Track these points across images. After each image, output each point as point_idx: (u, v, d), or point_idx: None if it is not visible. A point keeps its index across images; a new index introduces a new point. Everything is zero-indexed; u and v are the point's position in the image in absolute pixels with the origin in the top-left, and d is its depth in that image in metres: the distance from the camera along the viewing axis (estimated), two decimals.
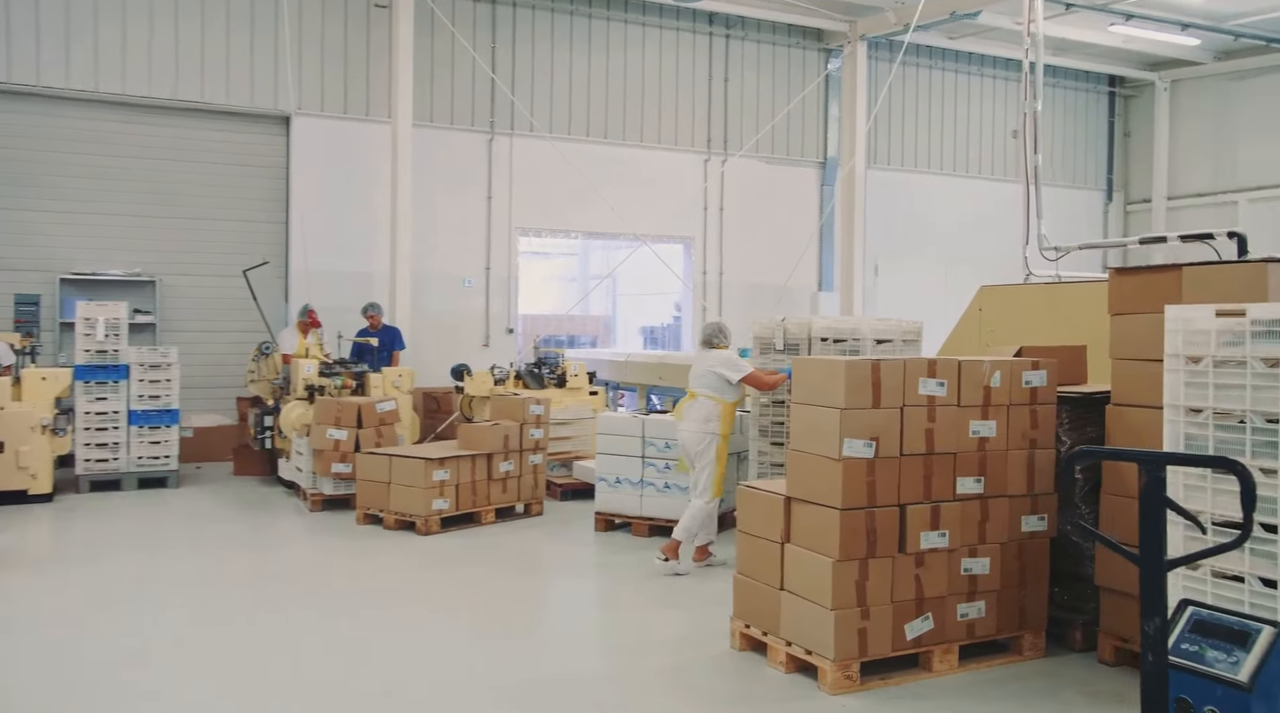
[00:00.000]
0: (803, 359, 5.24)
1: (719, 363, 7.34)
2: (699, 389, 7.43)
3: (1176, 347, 3.75)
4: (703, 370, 7.44)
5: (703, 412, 7.36)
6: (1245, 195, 16.55)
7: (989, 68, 17.62)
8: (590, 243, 20.55)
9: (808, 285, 16.54)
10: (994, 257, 17.43)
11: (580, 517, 9.42)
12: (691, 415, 7.42)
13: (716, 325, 7.60)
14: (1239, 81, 16.69)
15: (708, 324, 7.66)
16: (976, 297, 8.79)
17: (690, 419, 7.43)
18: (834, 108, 16.43)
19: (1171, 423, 3.79)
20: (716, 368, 7.33)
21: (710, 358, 7.43)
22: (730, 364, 7.33)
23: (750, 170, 15.93)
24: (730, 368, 7.30)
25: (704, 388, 7.40)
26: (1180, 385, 3.74)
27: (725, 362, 7.34)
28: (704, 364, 7.45)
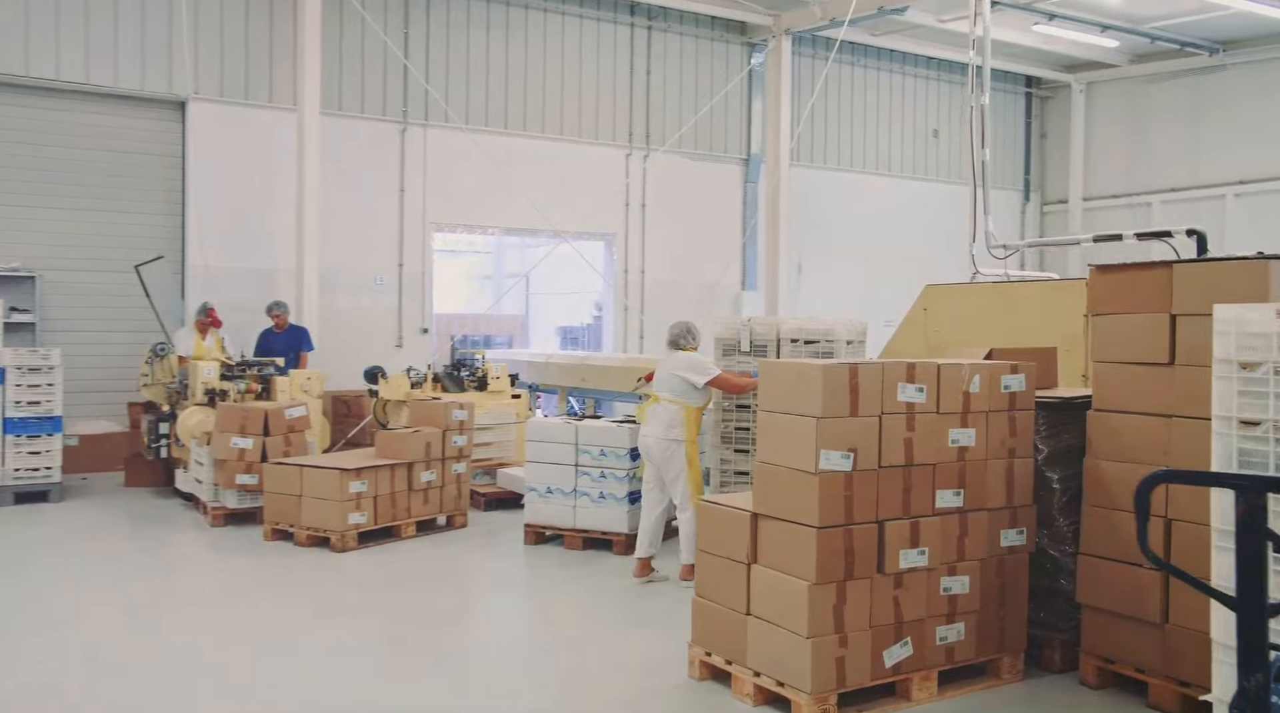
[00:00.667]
0: (771, 363, 4.81)
1: (684, 366, 6.91)
2: (663, 393, 6.98)
3: (1228, 351, 3.40)
4: (667, 374, 7.00)
5: (665, 417, 6.91)
6: (1159, 197, 16.78)
7: (910, 66, 17.53)
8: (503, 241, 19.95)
9: (731, 284, 16.20)
10: (917, 256, 17.39)
11: (507, 528, 8.86)
12: (654, 421, 6.96)
13: (684, 326, 7.15)
14: (1153, 84, 16.91)
15: (675, 324, 7.20)
16: (921, 297, 8.50)
17: (653, 424, 6.97)
18: (757, 103, 16.12)
19: (1222, 437, 3.45)
20: (681, 372, 6.90)
21: (676, 361, 6.99)
22: (696, 367, 6.89)
23: (673, 166, 15.52)
24: (696, 371, 6.86)
25: (668, 392, 6.96)
26: (1232, 395, 3.39)
27: (691, 365, 6.91)
28: (669, 367, 7.01)
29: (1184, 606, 4.53)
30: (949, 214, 17.87)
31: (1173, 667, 4.57)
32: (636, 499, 7.92)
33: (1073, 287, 7.29)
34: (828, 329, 7.18)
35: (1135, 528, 4.83)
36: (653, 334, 15.17)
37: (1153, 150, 16.95)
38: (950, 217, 17.88)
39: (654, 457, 6.96)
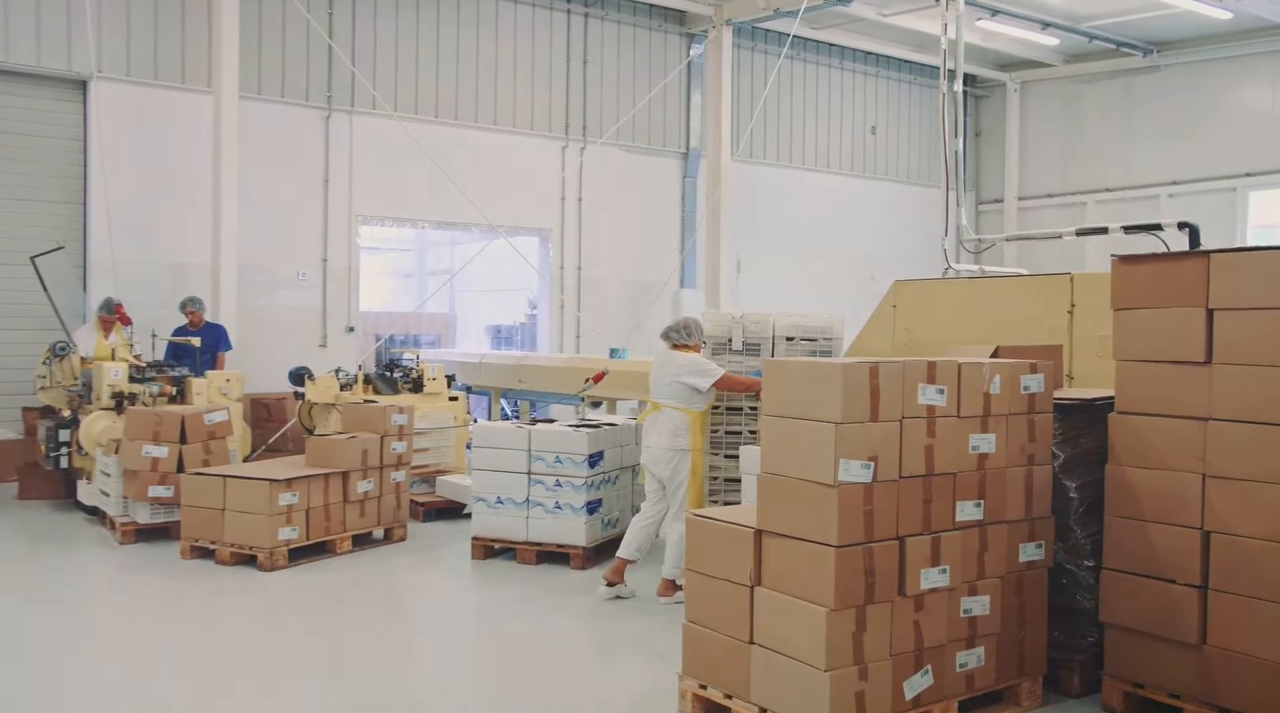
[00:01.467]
0: (779, 362, 4.31)
1: (686, 370, 6.35)
2: (663, 400, 6.42)
3: None
4: (667, 378, 6.43)
5: (669, 426, 6.36)
6: (1094, 197, 16.83)
7: (849, 61, 17.29)
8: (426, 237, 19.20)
9: (670, 281, 15.73)
10: (858, 254, 17.17)
11: (450, 541, 8.23)
12: (656, 430, 6.42)
13: (685, 322, 6.56)
14: (1087, 84, 16.95)
15: (675, 321, 6.60)
16: (890, 292, 8.11)
17: (655, 434, 6.42)
18: (697, 96, 15.68)
19: None
20: (684, 377, 6.34)
21: (676, 364, 6.42)
22: (700, 371, 6.33)
23: (611, 159, 14.99)
24: (700, 375, 6.32)
25: (669, 399, 6.39)
26: None
27: (694, 368, 6.34)
28: (669, 371, 6.44)
29: (1226, 625, 4.16)
30: (889, 212, 17.73)
31: (1212, 692, 4.20)
32: (595, 509, 7.39)
33: (1055, 281, 6.97)
34: (825, 326, 6.77)
35: (1165, 539, 4.51)
36: (590, 333, 14.62)
37: (1087, 150, 17.00)
38: (890, 214, 17.76)
39: (659, 469, 6.43)
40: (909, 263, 17.90)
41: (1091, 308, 6.70)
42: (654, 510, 6.57)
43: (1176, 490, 4.34)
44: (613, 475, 7.64)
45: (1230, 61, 15.25)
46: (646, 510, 6.60)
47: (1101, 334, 6.58)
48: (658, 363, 6.60)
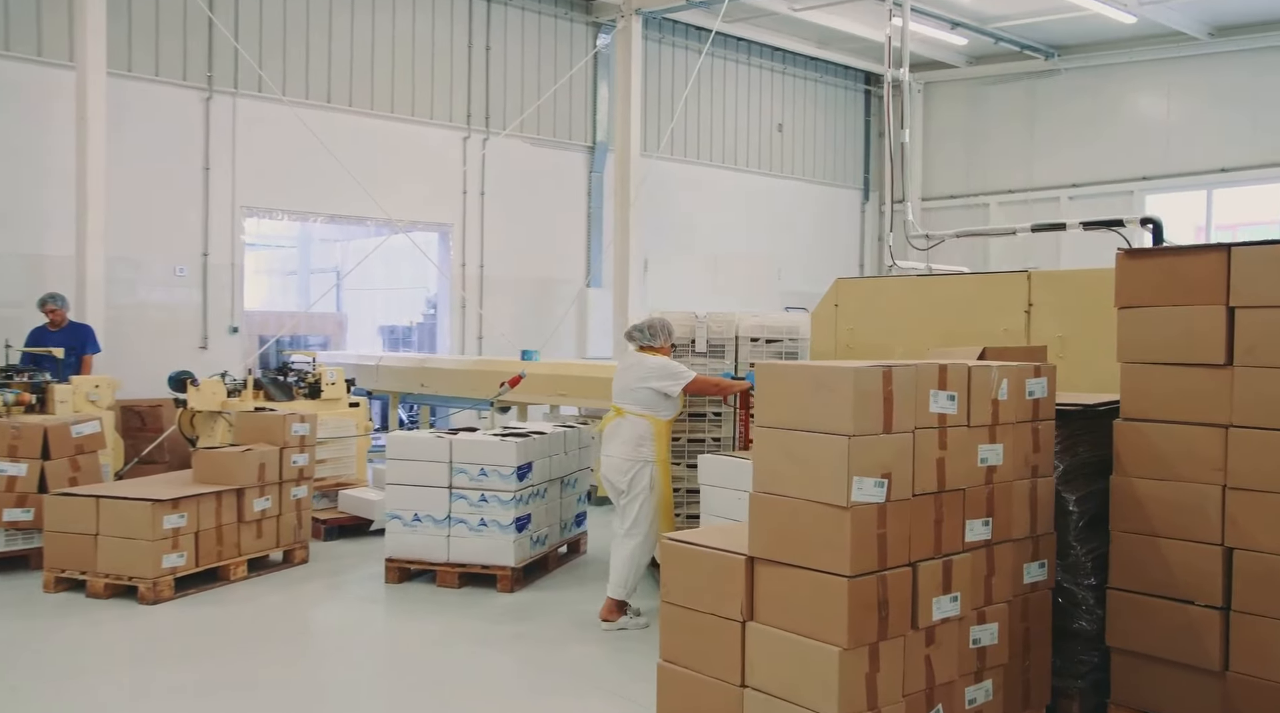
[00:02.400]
0: (774, 366, 3.79)
1: (655, 374, 5.88)
2: (627, 405, 5.94)
3: None
4: (633, 382, 5.93)
5: (632, 433, 5.86)
6: (996, 198, 16.93)
7: (757, 56, 17.01)
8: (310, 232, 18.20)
9: (575, 280, 15.15)
10: (765, 254, 16.90)
11: (359, 563, 7.48)
12: (618, 438, 5.91)
13: (652, 323, 6.05)
14: (989, 86, 17.05)
15: (643, 321, 6.10)
16: (832, 291, 7.72)
17: (616, 442, 5.90)
18: (604, 88, 15.14)
19: None
20: (652, 382, 5.87)
21: (644, 368, 5.93)
22: (670, 374, 5.87)
23: (515, 152, 14.32)
24: (670, 379, 5.86)
25: (634, 404, 5.91)
26: None
27: (663, 372, 5.88)
28: (635, 374, 5.95)
29: (1252, 650, 3.83)
30: (795, 210, 17.53)
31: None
32: (524, 526, 6.77)
33: (1011, 280, 6.68)
34: (791, 326, 6.39)
35: (1181, 557, 4.17)
36: (492, 334, 13.93)
37: (989, 152, 17.10)
38: (796, 213, 17.55)
39: (615, 480, 5.90)
40: (815, 262, 17.79)
41: (1050, 307, 6.43)
42: (626, 530, 6.02)
43: (1193, 503, 3.99)
44: (542, 489, 7.04)
45: (1128, 67, 15.50)
46: (618, 529, 6.06)
47: (1060, 335, 6.33)
48: (622, 366, 6.10)
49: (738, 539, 3.86)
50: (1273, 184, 14.01)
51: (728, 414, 6.41)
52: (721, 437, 6.41)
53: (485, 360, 11.57)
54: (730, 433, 6.41)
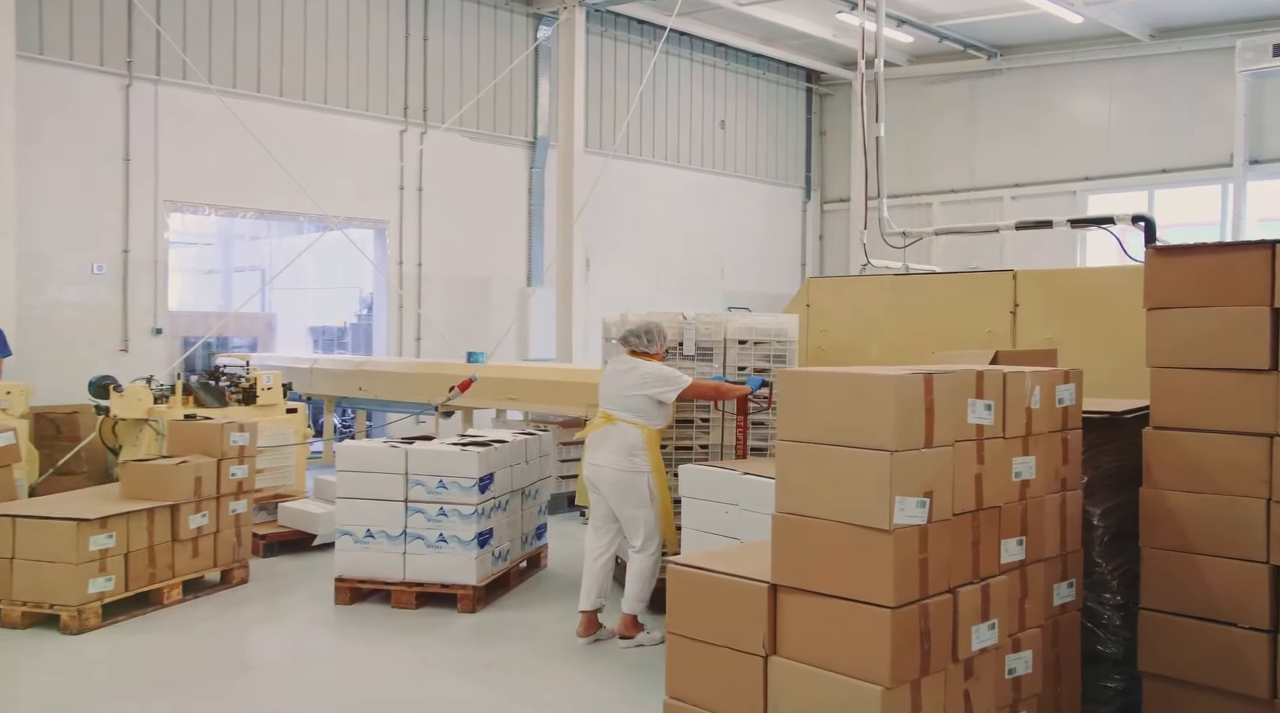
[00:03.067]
0: (801, 374, 3.43)
1: (652, 381, 5.54)
2: (618, 412, 5.60)
3: None
4: (625, 389, 5.60)
5: (624, 442, 5.52)
6: (939, 197, 16.89)
7: (699, 52, 16.72)
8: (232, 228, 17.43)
9: (516, 279, 14.69)
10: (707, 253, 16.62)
11: (303, 582, 6.97)
12: (608, 448, 5.56)
13: (648, 326, 5.70)
14: (931, 85, 17.00)
15: (637, 324, 5.73)
16: (803, 290, 7.45)
17: (606, 451, 5.57)
18: (545, 82, 14.70)
19: None
20: (648, 389, 5.54)
21: (639, 374, 5.59)
22: (666, 381, 5.54)
23: (454, 146, 13.80)
24: (667, 385, 5.53)
25: (625, 411, 5.58)
26: None
27: (660, 378, 5.55)
28: (627, 381, 5.60)
29: None
30: (738, 209, 17.29)
31: None
32: (486, 541, 6.33)
33: (996, 279, 6.46)
34: (780, 329, 6.08)
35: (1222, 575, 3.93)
36: (431, 335, 13.40)
37: (931, 151, 17.04)
38: (740, 212, 17.32)
39: (607, 491, 5.57)
40: (758, 261, 17.58)
41: (1037, 308, 6.23)
42: (604, 542, 5.72)
43: (1236, 518, 3.76)
44: (504, 501, 6.61)
45: (1070, 67, 15.55)
46: (595, 543, 5.72)
47: (1049, 336, 6.11)
48: (613, 371, 5.73)
49: (754, 563, 3.52)
50: (1212, 185, 14.16)
51: (715, 420, 6.07)
52: (709, 444, 6.07)
53: (428, 363, 11.07)
54: (718, 440, 6.07)
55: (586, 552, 5.79)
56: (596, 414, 5.77)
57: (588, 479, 5.72)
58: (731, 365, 6.07)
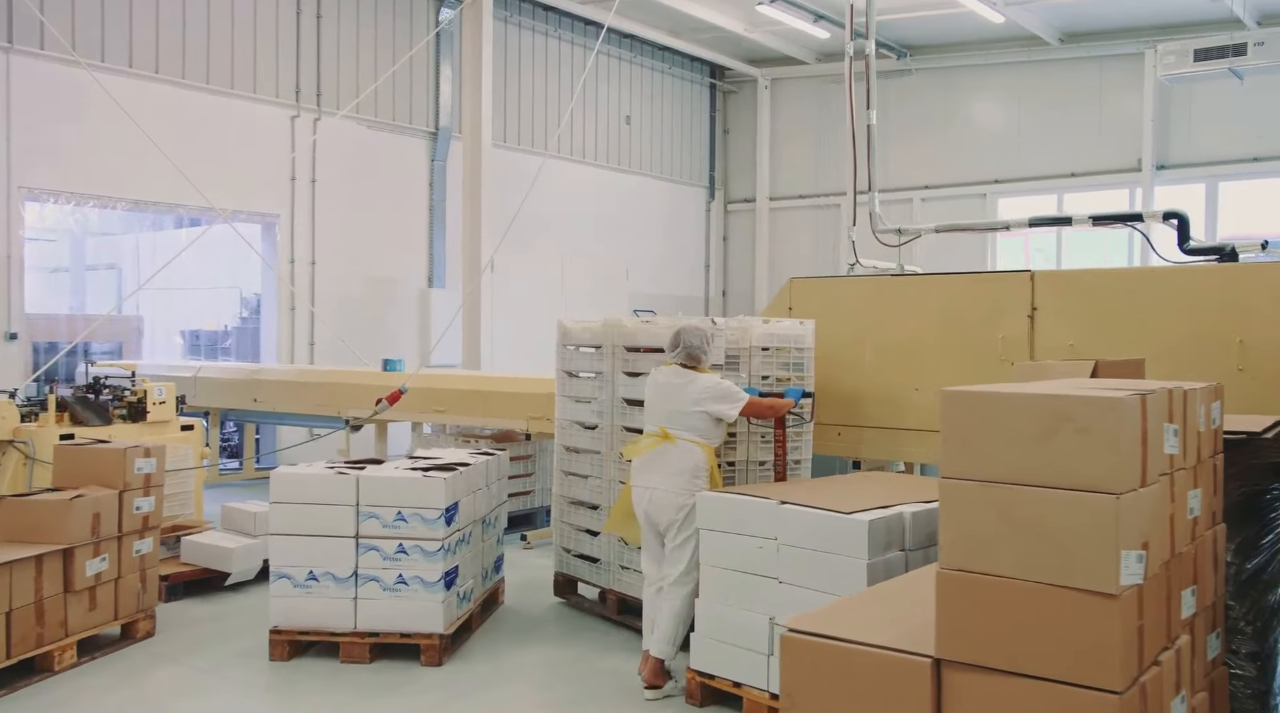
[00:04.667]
0: (972, 394, 2.75)
1: (712, 396, 5.00)
2: (678, 430, 5.02)
3: None
4: (683, 404, 5.03)
5: (686, 463, 4.97)
6: (845, 199, 16.59)
7: (606, 43, 15.98)
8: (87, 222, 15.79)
9: (416, 279, 13.65)
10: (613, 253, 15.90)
11: (222, 633, 5.93)
12: (666, 467, 4.99)
13: (702, 332, 5.11)
14: (839, 84, 16.69)
15: (689, 332, 5.10)
16: (785, 291, 6.84)
17: (665, 473, 4.98)
18: (447, 68, 13.71)
19: None
20: (709, 405, 5.00)
21: (698, 387, 5.02)
22: (727, 396, 5.01)
23: (350, 135, 12.68)
24: (728, 401, 5.00)
25: (685, 430, 5.01)
26: None
27: (721, 393, 5.01)
28: (684, 395, 5.03)
29: None
30: (643, 209, 16.67)
31: None
32: (453, 581, 5.47)
33: (1011, 280, 5.98)
34: (799, 335, 5.43)
35: None
36: (326, 339, 12.26)
37: (839, 152, 16.75)
38: (644, 211, 16.69)
39: (661, 515, 4.98)
40: (662, 262, 16.99)
41: (1057, 311, 5.76)
42: (662, 573, 5.08)
43: None
44: (467, 533, 5.76)
45: (980, 69, 15.48)
46: (655, 573, 5.10)
47: (1071, 342, 5.66)
48: (665, 385, 5.11)
49: (894, 628, 2.84)
50: (1120, 190, 14.29)
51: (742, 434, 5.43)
52: (736, 461, 5.41)
53: (336, 371, 10.00)
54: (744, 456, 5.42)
55: (646, 584, 5.17)
56: (647, 432, 5.16)
57: (638, 503, 5.06)
58: (756, 374, 5.41)
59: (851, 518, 4.21)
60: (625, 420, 6.10)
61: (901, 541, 4.30)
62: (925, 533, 4.40)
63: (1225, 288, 5.22)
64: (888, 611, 3.08)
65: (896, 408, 6.24)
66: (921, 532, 4.37)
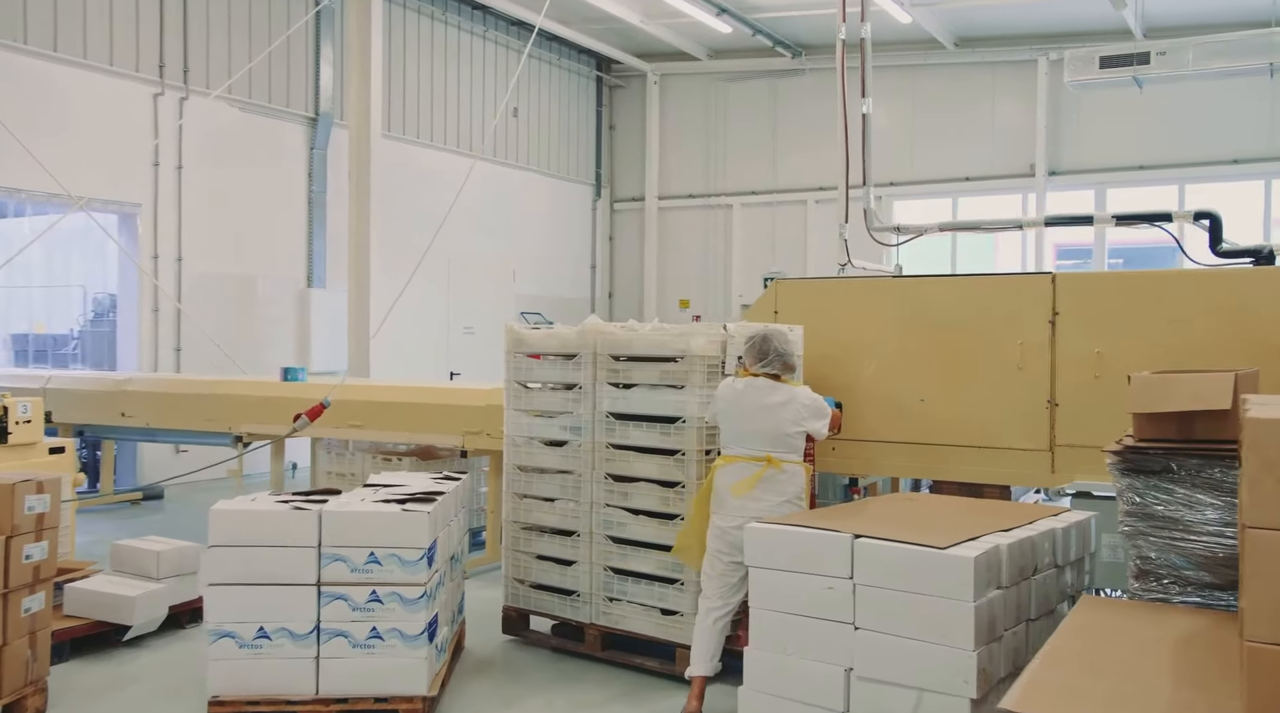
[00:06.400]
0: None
1: (811, 413, 4.64)
2: (782, 453, 4.59)
3: None
4: (784, 424, 4.61)
5: (792, 488, 4.59)
6: (739, 199, 16.29)
7: (493, 30, 15.13)
8: None
9: (294, 278, 12.47)
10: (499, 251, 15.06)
11: (134, 704, 4.91)
12: (775, 495, 4.56)
13: (785, 336, 4.71)
14: (731, 83, 16.37)
15: (774, 339, 4.68)
16: (769, 293, 6.28)
17: (771, 500, 4.54)
18: (328, 49, 12.58)
19: None
20: (807, 423, 4.63)
21: (797, 405, 4.62)
22: (820, 412, 4.68)
23: (221, 117, 11.44)
24: (821, 419, 4.67)
25: (789, 451, 4.62)
26: None
27: (816, 410, 4.66)
28: (784, 414, 4.61)
29: None
30: (530, 205, 15.90)
31: None
32: (435, 632, 4.66)
33: (1030, 283, 5.60)
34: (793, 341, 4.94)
35: None
36: (195, 344, 11.01)
37: (731, 151, 16.42)
38: (531, 208, 15.92)
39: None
40: (548, 262, 16.26)
41: (1081, 317, 5.41)
42: (722, 599, 4.69)
43: None
44: (443, 574, 4.94)
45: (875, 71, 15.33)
46: (713, 602, 4.69)
47: (1098, 350, 5.32)
48: (759, 403, 4.64)
49: (1142, 706, 2.29)
50: (1013, 195, 14.44)
51: None
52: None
53: (228, 381, 8.84)
54: None
55: (703, 613, 4.73)
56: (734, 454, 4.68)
57: (729, 532, 4.58)
58: None
59: (949, 554, 3.67)
60: (612, 436, 5.42)
61: (999, 577, 3.80)
62: (1018, 567, 3.91)
63: (1264, 291, 4.96)
64: (1117, 679, 2.53)
65: (899, 420, 5.77)
66: (1015, 566, 3.89)
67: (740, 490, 4.57)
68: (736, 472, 4.62)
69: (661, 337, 5.33)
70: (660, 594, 5.29)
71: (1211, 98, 12.88)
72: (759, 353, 4.68)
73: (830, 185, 15.64)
